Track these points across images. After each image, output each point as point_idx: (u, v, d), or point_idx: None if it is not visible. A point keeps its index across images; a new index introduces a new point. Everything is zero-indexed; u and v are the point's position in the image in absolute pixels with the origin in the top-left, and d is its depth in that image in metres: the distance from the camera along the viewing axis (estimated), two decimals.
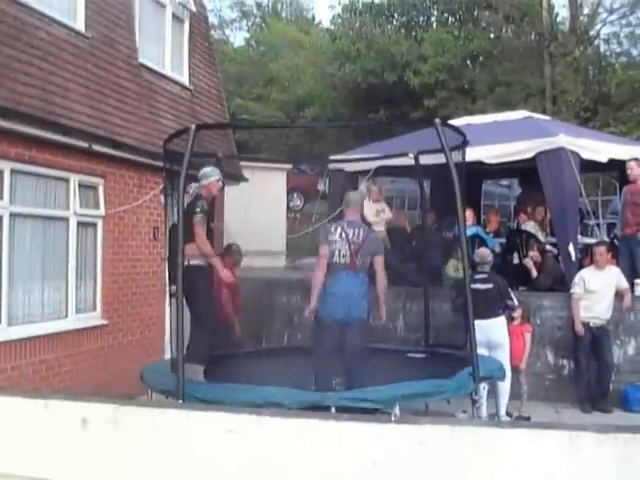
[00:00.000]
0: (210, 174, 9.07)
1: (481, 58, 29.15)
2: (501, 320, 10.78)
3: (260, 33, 43.11)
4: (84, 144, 11.10)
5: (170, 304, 9.05)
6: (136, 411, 5.28)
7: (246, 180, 16.22)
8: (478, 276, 10.87)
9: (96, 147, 11.36)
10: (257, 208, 18.57)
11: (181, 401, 7.60)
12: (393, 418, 6.44)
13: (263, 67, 36.63)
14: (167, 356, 10.40)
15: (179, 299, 8.03)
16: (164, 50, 14.35)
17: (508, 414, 10.83)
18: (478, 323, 9.13)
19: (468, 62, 29.40)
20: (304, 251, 19.24)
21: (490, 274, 11.07)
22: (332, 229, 8.66)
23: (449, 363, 9.19)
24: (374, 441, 4.67)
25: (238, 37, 49.88)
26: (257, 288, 14.28)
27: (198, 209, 8.57)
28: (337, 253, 8.50)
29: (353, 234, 8.56)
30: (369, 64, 28.39)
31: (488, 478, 4.43)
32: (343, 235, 8.54)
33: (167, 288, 9.51)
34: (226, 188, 13.39)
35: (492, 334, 10.44)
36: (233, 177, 15.04)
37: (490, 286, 10.77)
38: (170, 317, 9.20)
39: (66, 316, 11.17)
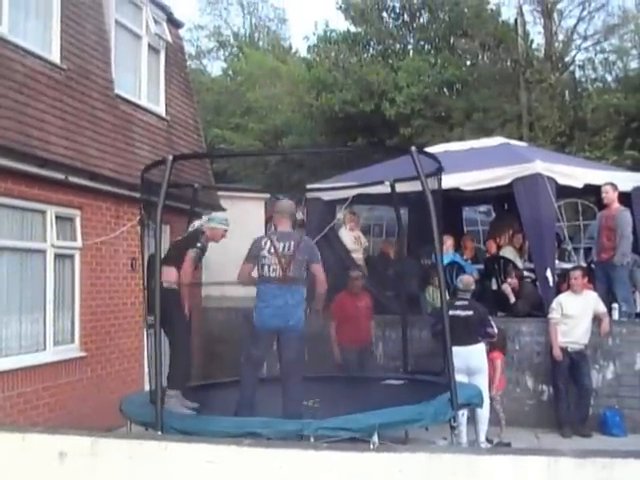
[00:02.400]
0: (220, 221, 9.31)
1: (457, 85, 29.25)
2: (480, 347, 10.79)
3: (237, 63, 42.95)
4: (60, 176, 11.07)
5: (148, 335, 9.03)
6: (114, 443, 5.25)
7: (224, 210, 16.18)
8: (459, 303, 10.92)
9: (73, 179, 11.33)
10: (235, 237, 18.55)
11: (160, 432, 7.57)
12: (372, 446, 6.44)
13: (240, 97, 36.51)
14: (147, 388, 10.34)
15: (157, 330, 8.00)
16: (140, 81, 14.35)
17: (488, 440, 10.81)
18: (457, 350, 9.17)
19: (445, 90, 29.48)
20: None
21: (470, 301, 11.10)
22: (262, 243, 8.44)
23: (428, 390, 9.17)
24: (353, 470, 4.66)
25: (215, 67, 49.71)
26: (236, 318, 14.21)
27: (199, 244, 8.76)
28: (267, 269, 8.34)
29: (284, 247, 8.37)
30: (346, 93, 28.40)
31: None
32: (272, 250, 8.35)
33: (145, 319, 9.47)
34: None
35: (471, 361, 10.46)
36: (210, 207, 15.01)
37: (470, 313, 10.79)
38: (148, 348, 9.17)
39: (44, 349, 11.08)
